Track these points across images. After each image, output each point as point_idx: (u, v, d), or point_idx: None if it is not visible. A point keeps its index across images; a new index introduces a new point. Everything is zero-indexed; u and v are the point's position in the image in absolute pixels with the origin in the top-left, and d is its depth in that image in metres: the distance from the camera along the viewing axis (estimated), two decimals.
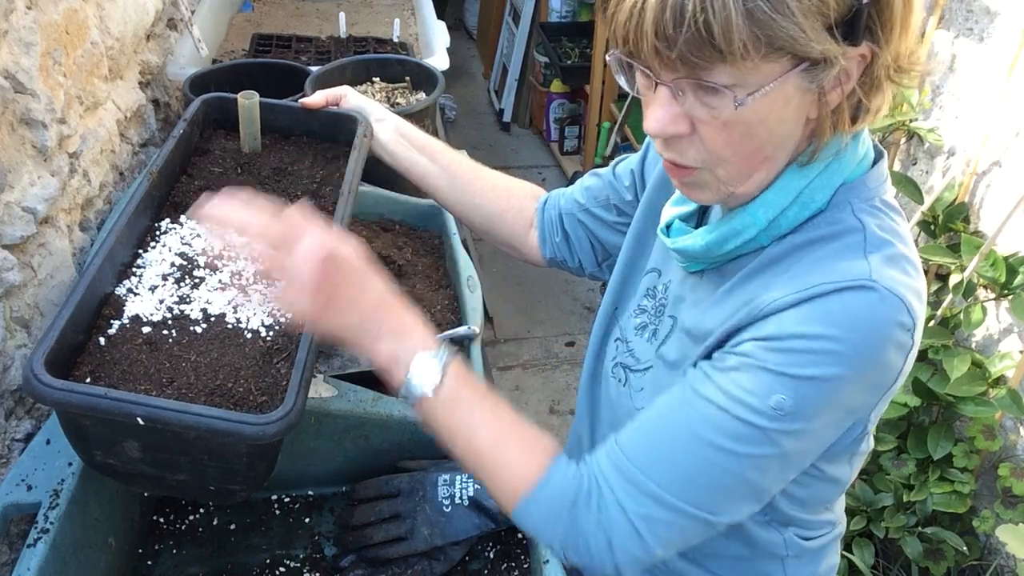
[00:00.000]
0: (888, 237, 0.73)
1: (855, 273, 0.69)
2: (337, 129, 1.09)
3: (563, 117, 4.13)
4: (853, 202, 0.75)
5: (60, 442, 0.86)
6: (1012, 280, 1.66)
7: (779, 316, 0.70)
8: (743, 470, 0.71)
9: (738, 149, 0.71)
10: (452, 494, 0.94)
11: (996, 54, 1.70)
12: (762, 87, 0.66)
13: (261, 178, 1.04)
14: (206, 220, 0.74)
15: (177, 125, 1.01)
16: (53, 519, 0.80)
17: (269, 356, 0.83)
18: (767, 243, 0.77)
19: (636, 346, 0.92)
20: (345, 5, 2.34)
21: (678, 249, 0.83)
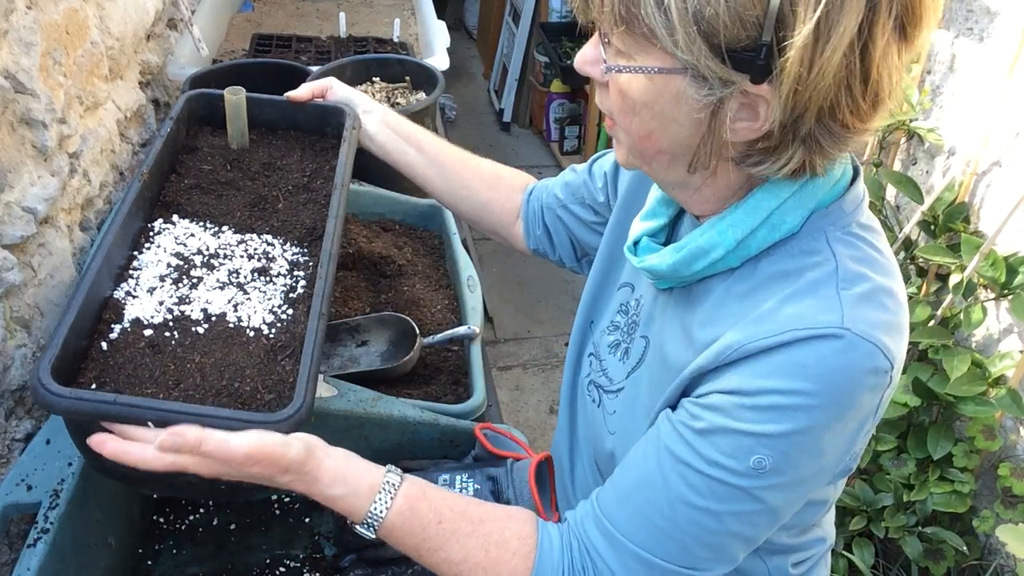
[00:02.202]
0: (863, 270, 0.71)
1: (826, 320, 0.66)
2: (324, 121, 1.09)
3: (563, 117, 4.13)
4: (828, 230, 0.72)
5: (60, 442, 0.86)
6: (1012, 280, 1.66)
7: (748, 364, 0.68)
8: (730, 527, 0.70)
9: (630, 123, 0.71)
10: None
11: (996, 54, 1.70)
12: (638, 69, 0.67)
13: (251, 174, 1.03)
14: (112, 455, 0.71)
15: (164, 124, 1.01)
16: (53, 519, 0.80)
17: (273, 353, 0.83)
18: (737, 264, 0.74)
19: (609, 365, 0.90)
20: (345, 5, 2.34)
21: (645, 268, 0.81)
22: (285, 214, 0.99)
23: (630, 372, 0.86)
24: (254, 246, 0.94)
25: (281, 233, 0.96)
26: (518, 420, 2.77)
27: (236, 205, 0.99)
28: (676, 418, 0.73)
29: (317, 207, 1.00)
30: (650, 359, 0.83)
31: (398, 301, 1.34)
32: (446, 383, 1.23)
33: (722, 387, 0.70)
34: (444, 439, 1.05)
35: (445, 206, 1.18)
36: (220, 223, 0.96)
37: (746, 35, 0.61)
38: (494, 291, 3.28)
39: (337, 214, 0.92)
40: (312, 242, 0.95)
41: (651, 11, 0.62)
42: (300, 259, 0.94)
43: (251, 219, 0.98)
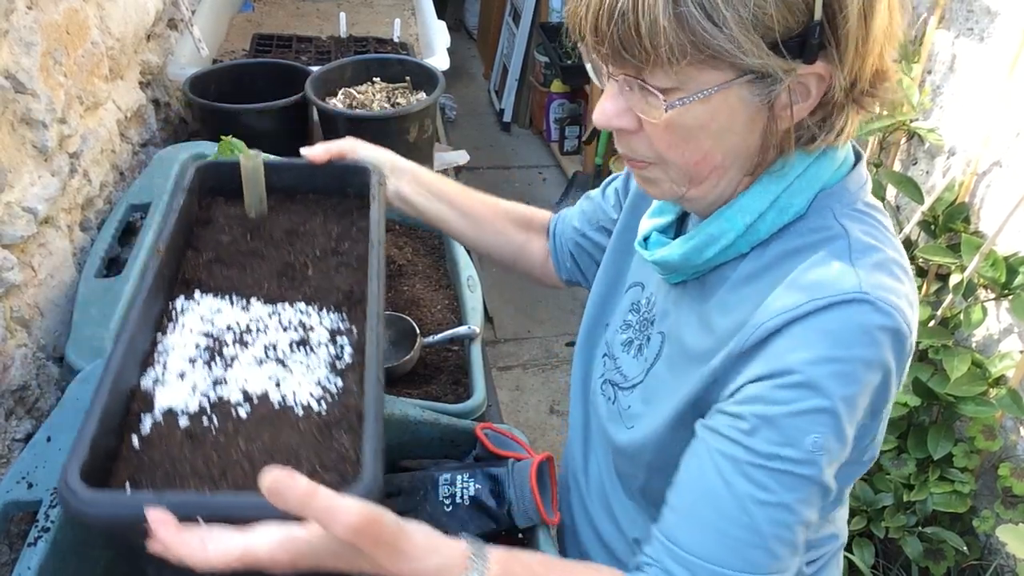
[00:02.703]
0: (873, 242, 0.72)
1: (846, 286, 0.67)
2: (345, 182, 1.02)
3: (563, 117, 4.13)
4: (834, 207, 0.74)
5: (61, 440, 0.86)
6: (1012, 280, 1.66)
7: (774, 342, 0.68)
8: (802, 515, 0.69)
9: (682, 153, 0.71)
10: (453, 493, 0.94)
11: (996, 54, 1.70)
12: (696, 94, 0.66)
13: (274, 241, 0.95)
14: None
15: (174, 196, 0.94)
16: (54, 517, 0.80)
17: (328, 429, 0.74)
18: (747, 250, 0.76)
19: (623, 363, 0.91)
20: (345, 5, 2.34)
21: (656, 261, 0.81)
22: (317, 280, 0.91)
23: (648, 368, 0.86)
24: (288, 317, 0.86)
25: (315, 300, 0.88)
26: (518, 420, 2.77)
27: (262, 275, 0.91)
28: (718, 425, 0.71)
29: (350, 270, 0.92)
30: (668, 352, 0.83)
31: (398, 301, 1.34)
32: (446, 383, 1.23)
33: (753, 374, 0.69)
34: (445, 439, 1.05)
35: (479, 253, 1.17)
36: (247, 295, 0.88)
37: (795, 21, 0.63)
38: (494, 291, 3.28)
39: (379, 274, 0.85)
40: (351, 307, 0.88)
41: (711, 32, 0.62)
42: (340, 325, 0.86)
43: (281, 288, 0.90)
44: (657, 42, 0.63)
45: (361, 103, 1.62)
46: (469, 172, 4.05)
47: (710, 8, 0.62)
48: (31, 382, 1.08)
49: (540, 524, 0.95)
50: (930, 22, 1.84)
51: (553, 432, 2.76)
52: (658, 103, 0.67)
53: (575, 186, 3.79)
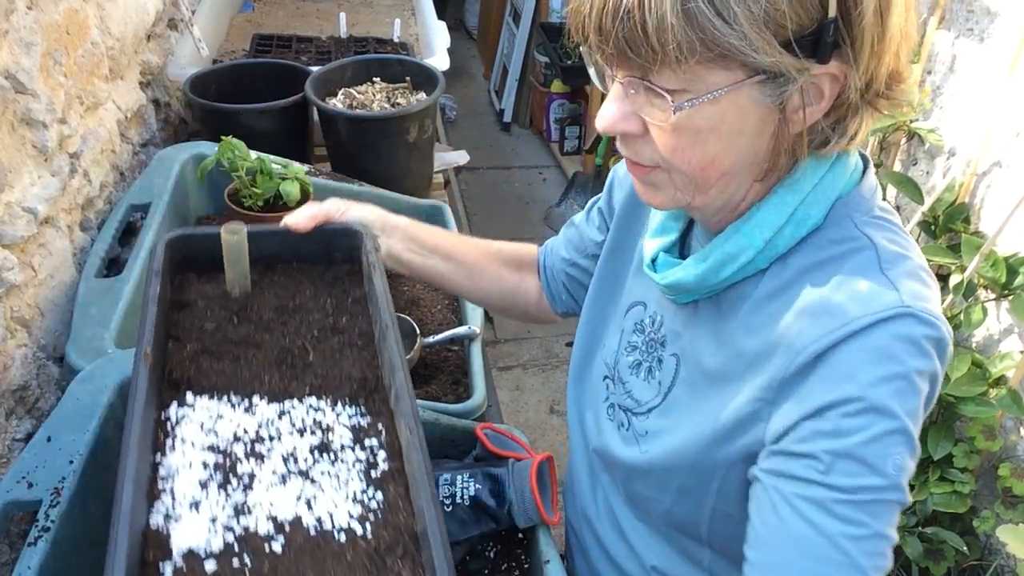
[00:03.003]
0: (900, 250, 0.70)
1: (887, 301, 0.65)
2: (332, 247, 0.93)
3: (563, 117, 4.14)
4: (854, 216, 0.72)
5: (61, 439, 0.86)
6: (1012, 280, 1.66)
7: (826, 367, 0.65)
8: (890, 538, 0.66)
9: (689, 158, 0.68)
10: (453, 493, 0.94)
11: (996, 54, 1.70)
12: (705, 95, 0.64)
13: (264, 324, 0.84)
14: None
15: (149, 282, 0.81)
16: (54, 517, 0.80)
17: (380, 559, 0.64)
18: (765, 266, 0.73)
19: (634, 387, 0.87)
20: (345, 5, 2.34)
21: (669, 284, 0.78)
22: (322, 367, 0.80)
23: (666, 392, 0.82)
24: (300, 416, 0.75)
25: (326, 392, 0.77)
26: (518, 420, 2.77)
27: (260, 366, 0.79)
28: (789, 468, 0.67)
29: (355, 351, 0.82)
30: (686, 376, 0.80)
31: (398, 301, 1.34)
32: (446, 383, 1.23)
33: (810, 406, 0.66)
34: (445, 439, 1.05)
35: (473, 303, 1.15)
36: (248, 394, 0.76)
37: (809, 18, 0.61)
38: None
39: (401, 363, 0.74)
40: (367, 396, 0.77)
41: (721, 29, 0.60)
42: (361, 422, 0.75)
43: (283, 381, 0.78)
44: (665, 40, 0.61)
45: (361, 103, 1.62)
46: (469, 172, 4.05)
47: (720, 4, 0.59)
48: (31, 382, 1.08)
49: (540, 524, 0.95)
50: (930, 22, 1.84)
51: (553, 432, 2.76)
52: (665, 105, 0.65)
53: (575, 186, 3.79)
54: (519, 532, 0.99)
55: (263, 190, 1.29)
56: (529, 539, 0.98)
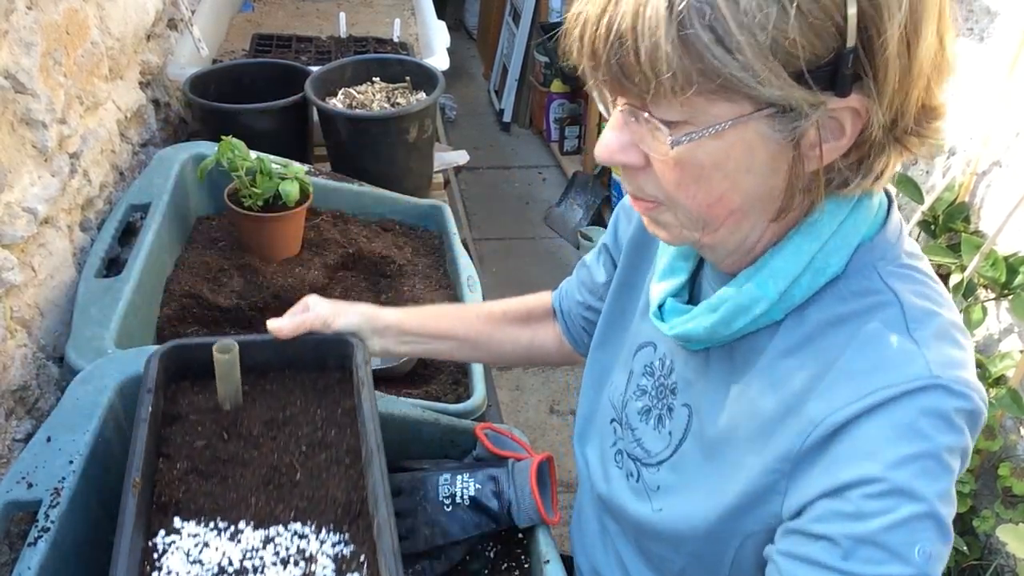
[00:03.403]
0: (929, 305, 0.65)
1: (914, 372, 0.60)
2: (324, 354, 0.93)
3: (563, 117, 4.13)
4: (878, 265, 0.66)
5: (61, 440, 0.86)
6: (1012, 280, 1.66)
7: (845, 442, 0.61)
8: None
9: (693, 194, 0.63)
10: (453, 493, 0.94)
11: (996, 54, 1.70)
12: (707, 129, 0.58)
13: (253, 439, 0.85)
14: None
15: (142, 399, 0.82)
16: (54, 518, 0.80)
17: None
18: (781, 317, 0.68)
19: (643, 435, 0.82)
20: (345, 5, 2.34)
21: (678, 335, 0.74)
22: (308, 488, 0.81)
23: (676, 445, 0.78)
24: (284, 544, 0.75)
25: (311, 517, 0.78)
26: (518, 420, 2.77)
27: (247, 488, 0.80)
28: (806, 552, 0.62)
29: (342, 469, 0.83)
30: (698, 430, 0.75)
31: (398, 301, 1.34)
32: (446, 383, 1.23)
33: (829, 484, 0.61)
34: (445, 439, 1.05)
35: (493, 366, 1.09)
36: (234, 518, 0.77)
37: (825, 48, 0.55)
38: (494, 291, 3.27)
39: (384, 492, 0.74)
40: (351, 522, 0.77)
41: (722, 59, 0.54)
42: (344, 551, 0.75)
43: (269, 504, 0.79)
44: (659, 69, 0.55)
45: (361, 103, 1.62)
46: (469, 172, 4.05)
47: (722, 31, 0.54)
48: (31, 382, 1.08)
49: (540, 524, 0.95)
50: None
51: (553, 432, 2.76)
52: (663, 137, 0.60)
53: (575, 186, 3.79)
54: (519, 532, 0.99)
55: (263, 190, 1.29)
56: (529, 539, 0.98)
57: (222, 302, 1.24)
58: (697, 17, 0.54)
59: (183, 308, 1.23)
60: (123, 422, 0.94)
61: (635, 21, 0.55)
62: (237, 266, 1.32)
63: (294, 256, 1.36)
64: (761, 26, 0.53)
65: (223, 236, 1.40)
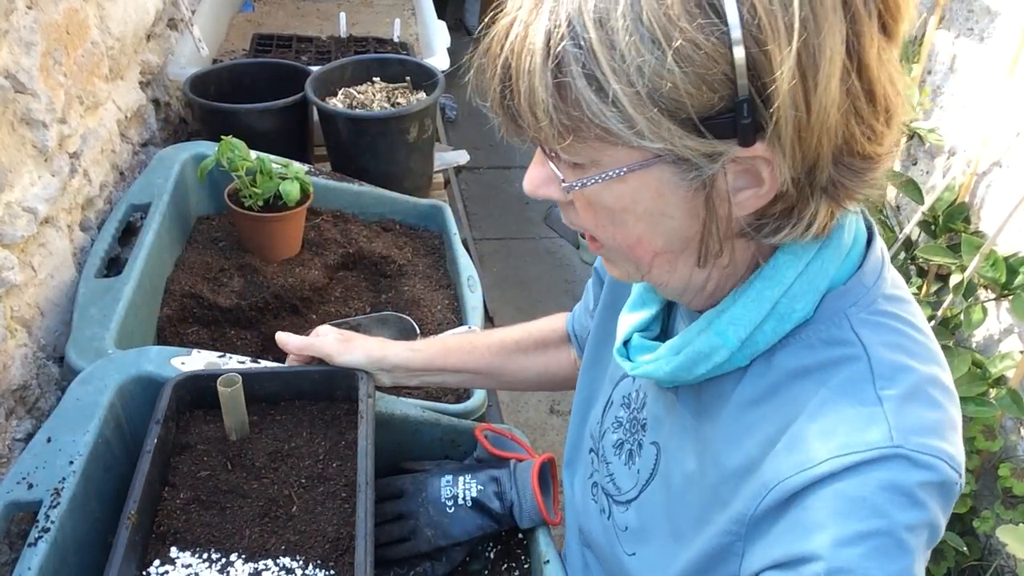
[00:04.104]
0: (901, 359, 0.60)
1: (872, 439, 0.55)
2: (333, 386, 0.95)
3: None
4: (849, 312, 0.62)
5: (61, 440, 0.86)
6: (1012, 280, 1.66)
7: (795, 511, 0.57)
8: None
9: (612, 234, 0.61)
10: (455, 495, 0.94)
11: (996, 54, 1.70)
12: (604, 173, 0.56)
13: (255, 471, 0.87)
14: None
15: (150, 429, 0.85)
16: (54, 518, 0.80)
17: None
18: (745, 363, 0.65)
19: (616, 469, 0.80)
20: (345, 5, 2.34)
21: (640, 375, 0.72)
22: (302, 521, 0.82)
23: (643, 485, 0.75)
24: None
25: (300, 551, 0.79)
26: (518, 420, 2.77)
27: (244, 520, 0.82)
28: None
29: (337, 503, 0.84)
30: (664, 471, 0.73)
31: (398, 301, 1.34)
32: None
33: (776, 556, 0.57)
34: (445, 439, 1.05)
35: (508, 390, 1.09)
36: (228, 549, 0.79)
37: (718, 97, 0.51)
38: (494, 291, 3.28)
39: (367, 532, 0.75)
40: (338, 557, 0.79)
41: (597, 109, 0.52)
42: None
43: (263, 536, 0.81)
44: (538, 114, 0.53)
45: (361, 103, 1.62)
46: (469, 172, 4.06)
47: (601, 78, 0.51)
48: (31, 382, 1.08)
49: (541, 524, 0.95)
50: (930, 22, 1.84)
51: (553, 432, 2.76)
52: (557, 182, 0.59)
53: None
54: (519, 532, 0.99)
55: (263, 190, 1.29)
56: (529, 539, 0.98)
57: (222, 302, 1.24)
58: (573, 62, 0.51)
59: (183, 308, 1.23)
60: (123, 422, 0.94)
61: (517, 61, 0.54)
62: (237, 266, 1.31)
63: (294, 256, 1.36)
64: (639, 72, 0.50)
65: (223, 236, 1.40)
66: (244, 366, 0.98)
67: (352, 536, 0.79)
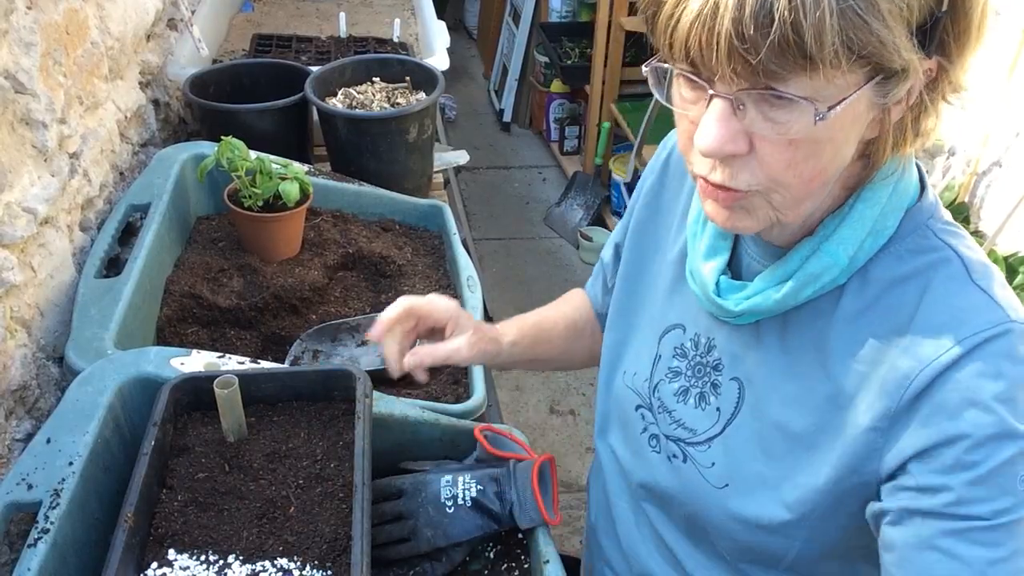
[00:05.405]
0: (984, 260, 0.69)
1: (992, 318, 0.64)
2: (331, 386, 0.95)
3: (563, 117, 4.14)
4: (930, 224, 0.70)
5: (61, 441, 0.86)
6: (1012, 280, 1.66)
7: (938, 397, 0.64)
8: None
9: (801, 171, 0.63)
10: (454, 495, 0.94)
11: (996, 54, 1.70)
12: (842, 99, 0.58)
13: (253, 472, 0.87)
14: None
15: (147, 432, 0.85)
16: (54, 519, 0.80)
17: None
18: (844, 281, 0.70)
19: (684, 414, 0.83)
20: (345, 5, 2.34)
21: (746, 310, 0.74)
22: (299, 523, 0.83)
23: (728, 420, 0.79)
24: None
25: (298, 552, 0.79)
26: (518, 420, 2.77)
27: (242, 521, 0.82)
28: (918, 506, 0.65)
29: (335, 503, 0.84)
30: (752, 402, 0.77)
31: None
32: (446, 383, 1.23)
33: (931, 439, 0.64)
34: (445, 439, 1.05)
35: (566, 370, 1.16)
36: (225, 551, 0.79)
37: (927, 10, 0.58)
38: (494, 291, 3.28)
39: (363, 533, 0.76)
40: (336, 558, 0.79)
41: (877, 28, 0.55)
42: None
43: (260, 537, 0.81)
44: (823, 42, 0.54)
45: (361, 103, 1.62)
46: (469, 172, 4.06)
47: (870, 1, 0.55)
48: (31, 382, 1.08)
49: (541, 524, 0.95)
50: None
51: (553, 432, 2.76)
52: (801, 114, 0.59)
53: (575, 186, 3.79)
54: (519, 532, 0.99)
55: (263, 190, 1.29)
56: (529, 539, 0.98)
57: (222, 302, 1.24)
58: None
59: (183, 308, 1.23)
60: (123, 423, 0.94)
61: (792, 1, 0.54)
62: (237, 266, 1.31)
63: (294, 256, 1.36)
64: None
65: (223, 236, 1.40)
66: (243, 367, 0.98)
67: (350, 536, 0.79)
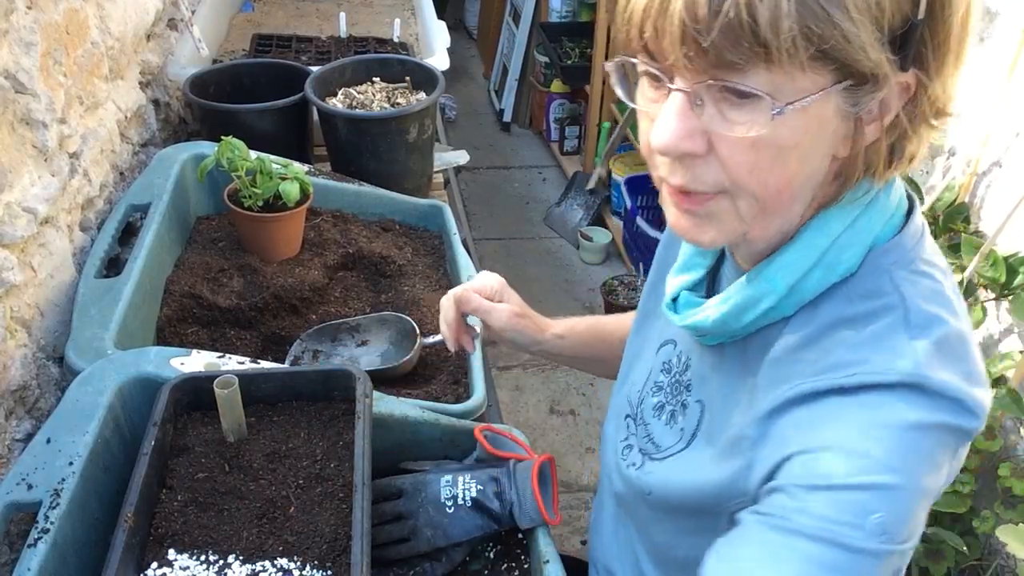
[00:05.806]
0: (936, 311, 0.62)
1: (899, 367, 0.58)
2: (330, 386, 0.95)
3: (563, 117, 4.13)
4: (891, 270, 0.64)
5: (61, 441, 0.86)
6: (1012, 280, 1.66)
7: (809, 407, 0.60)
8: None
9: (766, 178, 0.59)
10: (454, 495, 0.94)
11: (996, 54, 1.70)
12: (803, 97, 0.54)
13: (253, 472, 0.87)
14: None
15: (147, 432, 0.85)
16: (54, 519, 0.80)
17: None
18: (791, 312, 0.67)
19: (655, 430, 0.82)
20: (345, 5, 2.34)
21: (688, 327, 0.73)
22: (299, 523, 0.83)
23: (688, 440, 0.77)
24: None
25: (297, 552, 0.79)
26: (518, 420, 2.77)
27: (242, 521, 0.82)
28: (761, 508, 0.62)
29: (335, 503, 0.84)
30: (709, 427, 0.75)
31: (398, 301, 1.34)
32: (446, 383, 1.23)
33: (786, 454, 0.60)
34: (445, 439, 1.05)
35: None
36: (225, 551, 0.79)
37: (902, 14, 0.53)
38: None
39: (363, 533, 0.76)
40: (336, 558, 0.79)
41: (837, 19, 0.51)
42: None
43: (260, 537, 0.81)
44: (778, 28, 0.51)
45: (361, 103, 1.62)
46: (469, 172, 4.05)
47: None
48: (31, 382, 1.08)
49: (541, 524, 0.95)
50: None
51: (553, 432, 2.76)
52: (758, 109, 0.55)
53: (575, 186, 3.79)
54: (519, 532, 0.99)
55: (263, 190, 1.29)
56: (529, 539, 0.98)
57: (222, 302, 1.24)
58: None
59: (183, 308, 1.23)
60: (123, 423, 0.94)
61: None
62: (237, 266, 1.31)
63: (294, 256, 1.36)
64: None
65: (223, 236, 1.40)
66: (243, 367, 0.98)
67: (350, 536, 0.79)
